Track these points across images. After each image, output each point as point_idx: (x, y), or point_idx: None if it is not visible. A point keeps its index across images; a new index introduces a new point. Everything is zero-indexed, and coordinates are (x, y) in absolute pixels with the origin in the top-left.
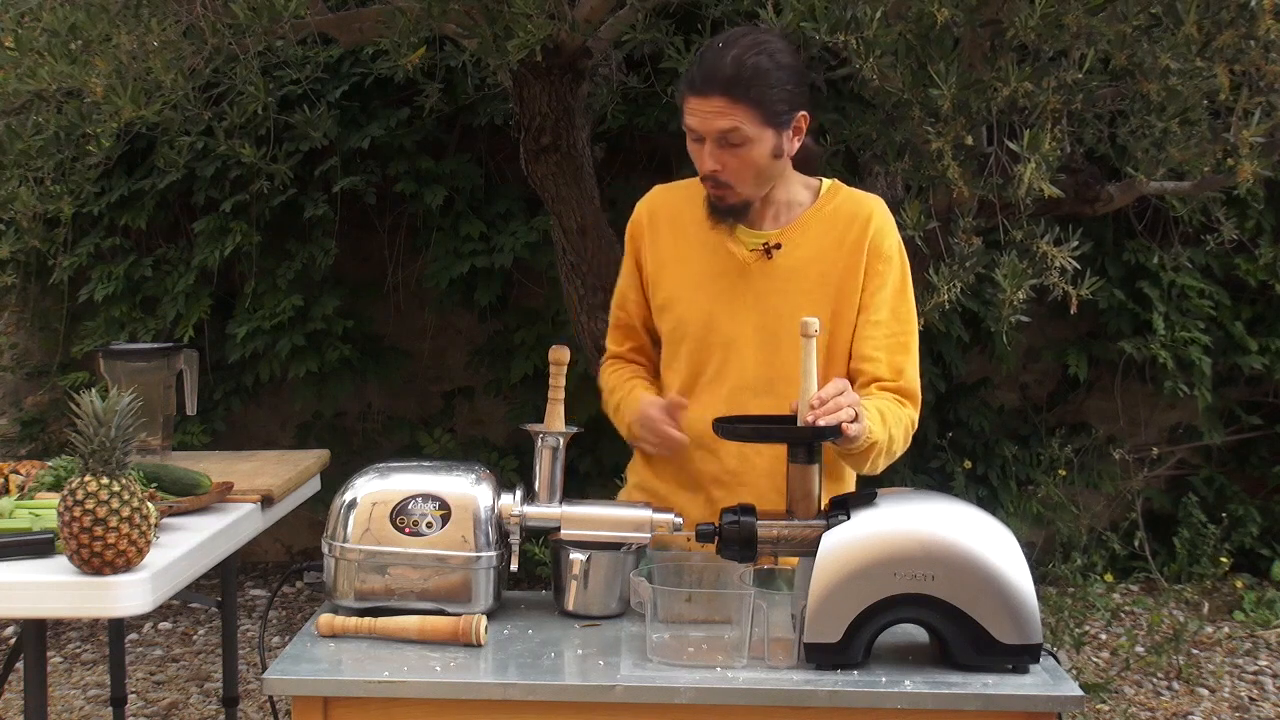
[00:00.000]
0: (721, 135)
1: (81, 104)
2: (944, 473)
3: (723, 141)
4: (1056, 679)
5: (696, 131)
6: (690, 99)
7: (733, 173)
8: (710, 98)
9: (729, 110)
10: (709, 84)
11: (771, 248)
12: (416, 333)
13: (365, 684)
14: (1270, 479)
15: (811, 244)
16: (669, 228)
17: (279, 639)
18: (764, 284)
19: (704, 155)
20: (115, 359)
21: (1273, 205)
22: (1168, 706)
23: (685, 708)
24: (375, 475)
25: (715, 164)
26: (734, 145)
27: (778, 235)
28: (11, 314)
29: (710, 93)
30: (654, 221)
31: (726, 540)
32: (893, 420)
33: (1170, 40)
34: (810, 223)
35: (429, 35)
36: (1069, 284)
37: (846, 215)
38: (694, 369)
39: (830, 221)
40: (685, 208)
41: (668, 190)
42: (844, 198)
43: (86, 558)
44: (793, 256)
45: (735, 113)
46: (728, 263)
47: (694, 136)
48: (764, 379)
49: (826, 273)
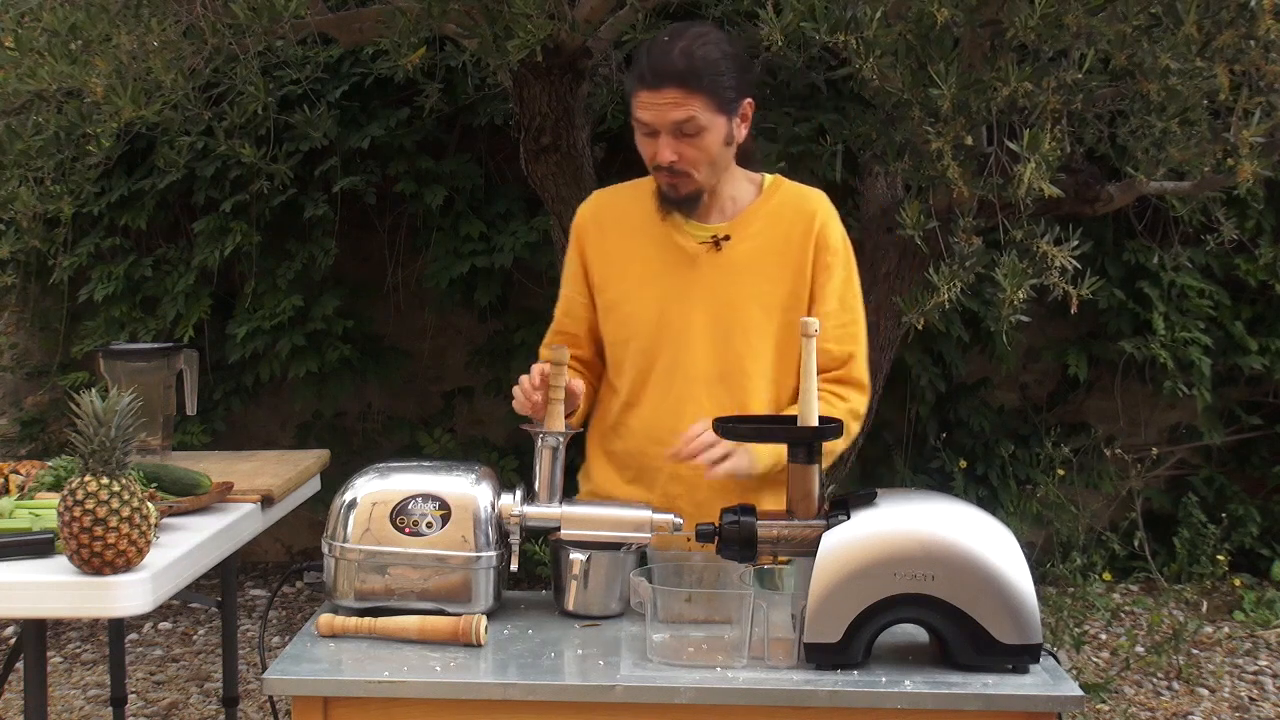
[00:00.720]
0: (677, 125)
1: (81, 104)
2: (944, 473)
3: (678, 132)
4: (1056, 679)
5: (650, 125)
6: (642, 93)
7: (689, 161)
8: (664, 90)
9: (684, 100)
10: (661, 77)
11: (720, 239)
12: (416, 333)
13: (365, 684)
14: (1270, 479)
15: (759, 236)
16: (615, 228)
17: (279, 639)
18: (714, 276)
19: (660, 147)
20: (115, 359)
21: (1273, 205)
22: (1168, 706)
23: (685, 708)
24: (375, 475)
25: (672, 154)
26: (689, 135)
27: (726, 227)
28: (11, 314)
29: (664, 85)
30: (599, 223)
31: (726, 540)
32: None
33: (1170, 40)
34: (756, 216)
35: (429, 35)
36: (1069, 284)
37: (792, 208)
38: (645, 364)
39: (776, 214)
40: (630, 207)
41: (610, 193)
42: (788, 191)
43: (86, 558)
44: (741, 249)
45: (690, 103)
46: (677, 256)
47: (646, 130)
48: (716, 371)
49: (775, 265)
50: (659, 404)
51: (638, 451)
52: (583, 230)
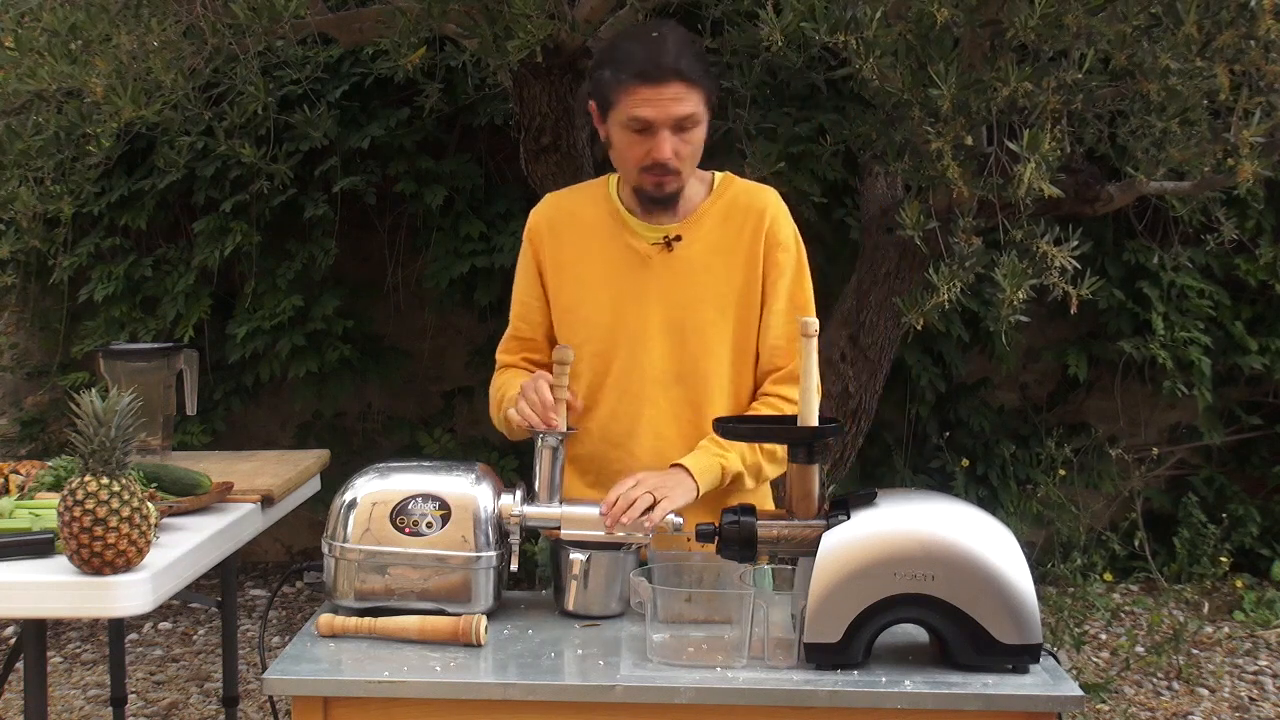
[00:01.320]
0: (679, 121)
1: (81, 104)
2: (944, 473)
3: (677, 127)
4: (1056, 679)
5: (650, 121)
6: (641, 89)
7: (682, 158)
8: (667, 84)
9: (686, 95)
10: (664, 71)
11: (672, 240)
12: (416, 333)
13: (365, 684)
14: (1270, 479)
15: (710, 235)
16: (569, 231)
17: (279, 639)
18: (667, 277)
19: (660, 143)
20: (115, 359)
21: (1273, 205)
22: (1168, 706)
23: (685, 708)
24: (375, 475)
25: (671, 151)
26: (685, 130)
27: (677, 228)
28: (11, 314)
29: (666, 79)
30: (553, 226)
31: (726, 540)
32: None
33: (1170, 40)
34: (707, 215)
35: (429, 35)
36: (1069, 284)
37: (743, 207)
38: (601, 367)
39: (727, 213)
40: (583, 210)
41: (562, 196)
42: (738, 189)
43: (86, 558)
44: (693, 248)
45: (691, 97)
46: (629, 258)
47: (640, 126)
48: (672, 372)
49: (727, 264)
50: (615, 407)
51: (598, 455)
52: (536, 234)
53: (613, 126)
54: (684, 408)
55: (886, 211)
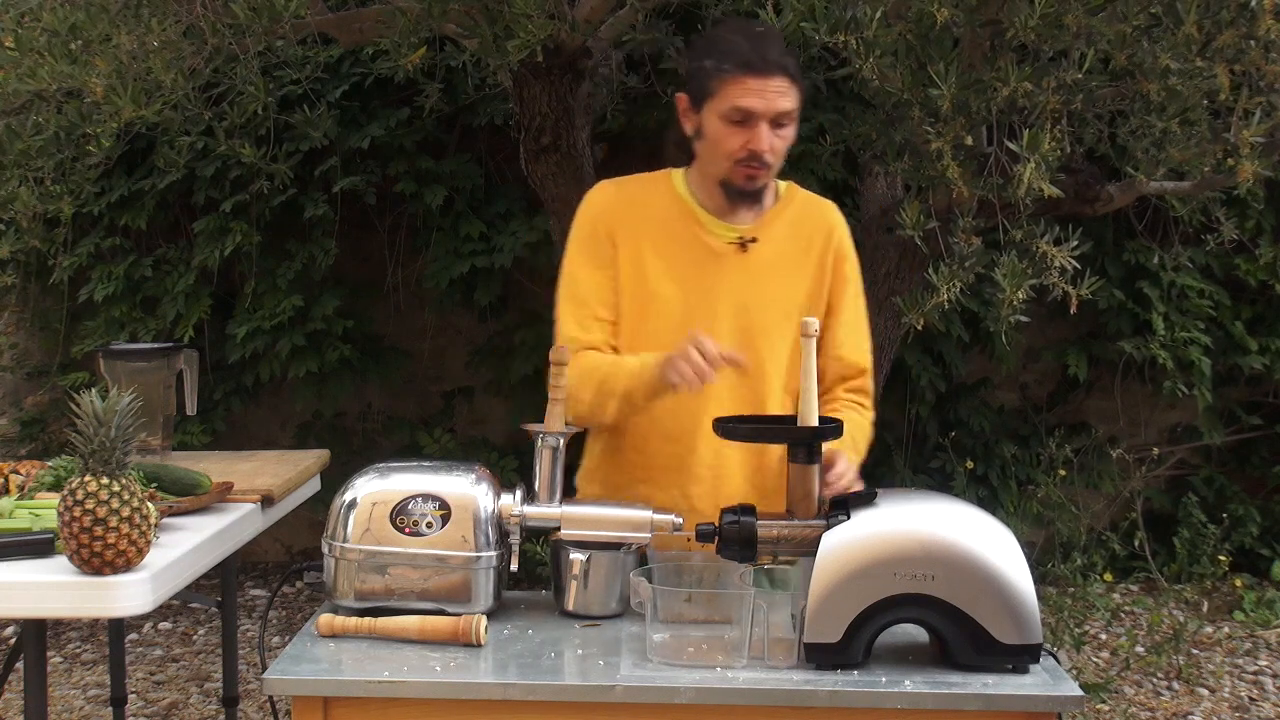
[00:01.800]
0: (780, 115)
1: (81, 104)
2: (944, 473)
3: (775, 122)
4: (1056, 679)
5: (753, 112)
6: (748, 79)
7: (777, 153)
8: (774, 78)
9: (788, 90)
10: (771, 65)
11: (748, 241)
12: (416, 333)
13: (365, 684)
14: (1270, 479)
15: (780, 241)
16: (639, 219)
17: (279, 639)
18: (738, 277)
19: (759, 135)
20: (115, 359)
21: (1273, 205)
22: (1168, 706)
23: (685, 708)
24: (375, 475)
25: (768, 144)
26: (782, 126)
27: (751, 229)
28: (11, 314)
29: (773, 73)
30: (622, 211)
31: (726, 540)
32: (861, 438)
33: (1170, 40)
34: (777, 220)
35: (429, 35)
36: (1069, 284)
37: (812, 217)
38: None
39: (797, 221)
40: (652, 200)
41: (623, 184)
42: (804, 198)
43: (86, 558)
44: (764, 251)
45: (792, 93)
46: (703, 255)
47: (740, 118)
48: (737, 372)
49: (796, 269)
50: (679, 403)
51: (654, 452)
52: (607, 215)
53: (708, 117)
54: (746, 408)
55: (886, 211)
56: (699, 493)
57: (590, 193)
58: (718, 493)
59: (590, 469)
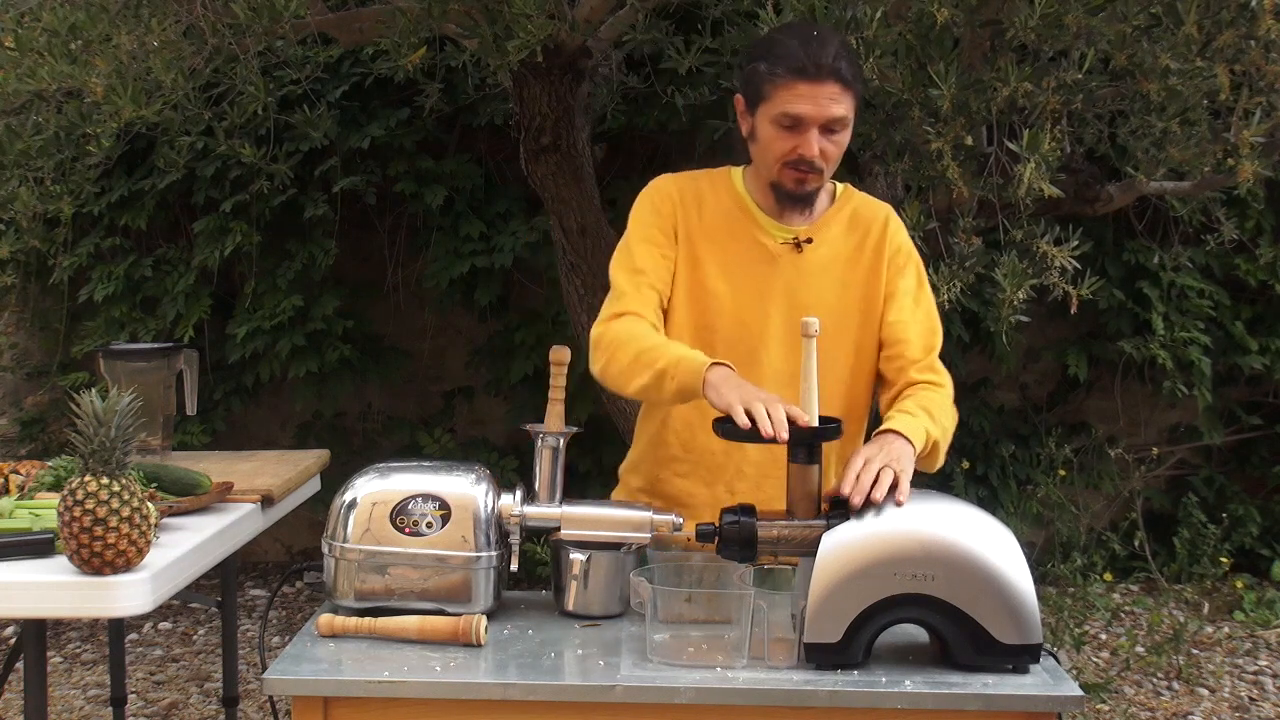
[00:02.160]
0: (832, 121)
1: (81, 104)
2: (944, 473)
3: (826, 128)
4: (1056, 679)
5: (803, 118)
6: (799, 84)
7: (827, 158)
8: (825, 84)
9: (841, 96)
10: (823, 71)
11: (803, 241)
12: (416, 333)
13: (365, 684)
14: (1270, 479)
15: (835, 242)
16: (699, 211)
17: (279, 639)
18: (792, 277)
19: (810, 141)
20: (115, 359)
21: (1273, 205)
22: (1168, 706)
23: (685, 708)
24: (375, 475)
25: (818, 150)
26: (834, 132)
27: (807, 230)
28: (11, 314)
29: (825, 79)
30: (685, 201)
31: (726, 540)
32: (940, 412)
33: (1170, 40)
34: (832, 222)
35: (429, 35)
36: (1069, 284)
37: (866, 218)
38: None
39: (851, 223)
40: (710, 195)
41: (684, 177)
42: (860, 201)
43: (86, 558)
44: (819, 252)
45: (845, 99)
46: (759, 254)
47: (789, 123)
48: (788, 373)
49: (850, 271)
50: None
51: (701, 448)
52: (672, 200)
53: (760, 120)
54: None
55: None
56: (744, 489)
57: (655, 181)
58: (760, 491)
59: (634, 460)
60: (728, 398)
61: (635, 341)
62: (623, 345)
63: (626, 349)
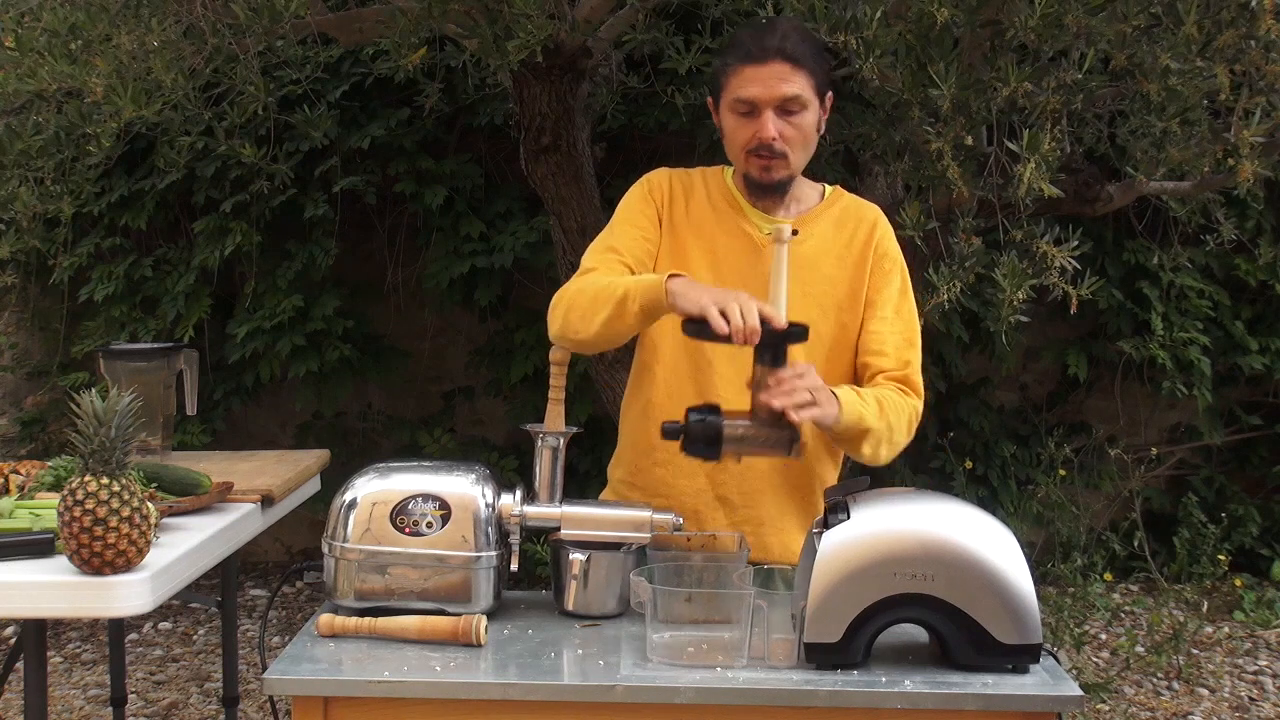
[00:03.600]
0: (784, 101)
1: (81, 104)
2: (944, 473)
3: (782, 109)
4: (1056, 679)
5: (754, 101)
6: (746, 69)
7: (788, 141)
8: (771, 64)
9: (791, 76)
10: (769, 52)
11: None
12: (416, 333)
13: (365, 684)
14: (1270, 479)
15: (822, 238)
16: (690, 202)
17: (279, 639)
18: None
19: (764, 123)
20: (115, 359)
21: (1273, 205)
22: (1168, 706)
23: (685, 708)
24: (375, 475)
25: (774, 131)
26: (791, 113)
27: (794, 223)
28: (11, 314)
29: (771, 59)
30: (676, 191)
31: (692, 437)
32: (892, 409)
33: (1170, 40)
34: (821, 218)
35: (429, 35)
36: (1069, 284)
37: (854, 217)
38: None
39: (839, 221)
40: (702, 188)
41: (679, 171)
42: (849, 201)
43: (86, 558)
44: (806, 246)
45: (796, 78)
46: (743, 243)
47: (746, 109)
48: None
49: (836, 266)
50: (707, 392)
51: None
52: (663, 189)
53: (723, 113)
54: None
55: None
56: (726, 481)
57: (649, 173)
58: (745, 482)
59: (618, 454)
60: (699, 300)
61: (591, 286)
62: (579, 293)
63: (584, 294)
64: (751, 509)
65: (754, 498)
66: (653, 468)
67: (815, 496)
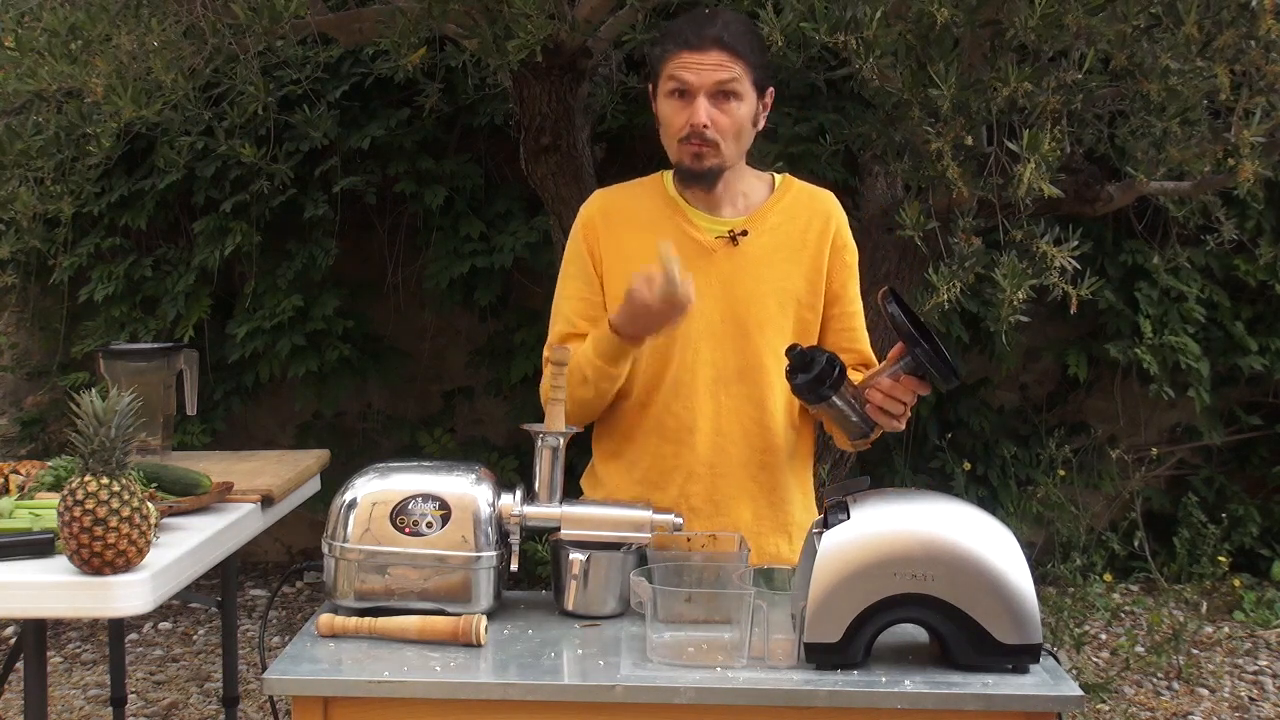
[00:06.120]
0: (718, 88)
1: (81, 104)
2: (944, 473)
3: (716, 96)
4: (1056, 679)
5: (688, 84)
6: (683, 54)
7: (721, 129)
8: (708, 52)
9: (728, 64)
10: (706, 40)
11: (738, 234)
12: (416, 333)
13: (365, 684)
14: (1270, 479)
15: (774, 232)
16: (625, 223)
17: (279, 639)
18: (729, 270)
19: (696, 109)
20: (115, 359)
21: (1273, 205)
22: (1168, 706)
23: (685, 708)
24: (375, 475)
25: (707, 117)
26: (725, 101)
27: (743, 222)
28: (11, 314)
29: (708, 47)
30: (607, 219)
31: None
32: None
33: (1170, 40)
34: (771, 211)
35: (429, 35)
36: (1069, 284)
37: (806, 207)
38: (659, 361)
39: (790, 212)
40: (638, 204)
41: (613, 191)
42: (800, 189)
43: (86, 558)
44: (757, 244)
45: (733, 68)
46: (692, 250)
47: (680, 92)
48: (734, 367)
49: (791, 260)
50: (673, 403)
51: (653, 453)
52: (590, 227)
53: (659, 100)
54: (745, 403)
55: (886, 211)
56: (697, 491)
57: (583, 205)
58: (716, 490)
59: (592, 469)
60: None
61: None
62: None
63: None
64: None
65: (725, 505)
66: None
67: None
